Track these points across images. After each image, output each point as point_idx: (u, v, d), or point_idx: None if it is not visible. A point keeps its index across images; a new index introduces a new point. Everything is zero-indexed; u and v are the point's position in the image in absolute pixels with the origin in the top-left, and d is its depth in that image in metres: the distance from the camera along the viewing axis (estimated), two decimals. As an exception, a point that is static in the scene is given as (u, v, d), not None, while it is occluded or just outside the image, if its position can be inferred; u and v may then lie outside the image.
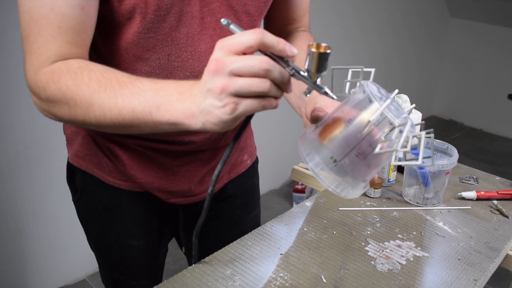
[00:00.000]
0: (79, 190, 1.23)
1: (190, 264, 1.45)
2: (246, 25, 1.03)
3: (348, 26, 3.65)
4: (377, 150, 0.78)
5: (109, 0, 0.87)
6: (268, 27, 1.21)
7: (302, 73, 0.73)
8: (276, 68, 0.69)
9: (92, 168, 1.17)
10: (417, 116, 1.42)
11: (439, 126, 4.98)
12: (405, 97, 1.42)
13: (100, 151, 1.14)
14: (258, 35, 0.67)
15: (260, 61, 0.67)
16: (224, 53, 0.68)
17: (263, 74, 0.68)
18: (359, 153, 0.80)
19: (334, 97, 0.77)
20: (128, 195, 1.20)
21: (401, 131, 0.76)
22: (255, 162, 1.40)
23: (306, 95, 0.79)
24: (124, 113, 0.78)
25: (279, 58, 0.71)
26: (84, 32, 0.86)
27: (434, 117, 5.18)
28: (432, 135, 0.81)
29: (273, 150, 3.37)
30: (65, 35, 0.83)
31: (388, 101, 0.78)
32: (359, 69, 0.84)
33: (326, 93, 0.76)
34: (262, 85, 0.68)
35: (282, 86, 0.72)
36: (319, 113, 0.83)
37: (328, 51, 0.71)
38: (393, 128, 0.76)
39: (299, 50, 1.11)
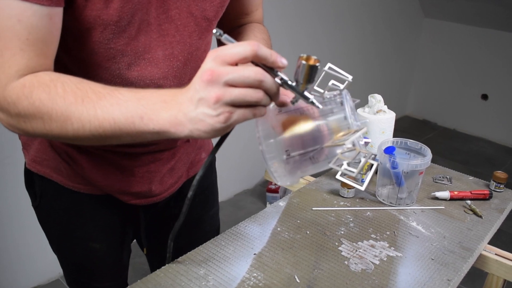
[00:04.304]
0: (38, 196, 1.21)
1: (151, 266, 1.46)
2: (204, 30, 1.04)
3: (319, 25, 3.66)
4: (331, 164, 0.82)
5: (72, 9, 0.84)
6: (219, 21, 1.21)
7: (290, 82, 0.76)
8: (268, 79, 0.72)
9: (50, 173, 1.15)
10: (390, 116, 1.42)
11: (412, 126, 5.03)
12: (378, 97, 1.42)
13: (58, 155, 1.12)
14: (252, 47, 0.70)
15: (255, 72, 0.70)
16: (218, 63, 0.70)
17: (257, 85, 0.71)
18: (313, 156, 0.84)
19: (320, 106, 0.80)
20: (89, 199, 1.18)
21: (362, 157, 0.81)
22: (213, 160, 1.40)
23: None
24: (105, 124, 0.76)
25: (269, 69, 0.73)
26: (52, 43, 0.83)
27: (407, 117, 5.23)
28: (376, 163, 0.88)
29: (246, 150, 3.37)
30: (33, 47, 0.80)
31: (363, 130, 0.83)
32: (347, 79, 0.86)
33: (312, 103, 0.79)
34: (256, 95, 0.71)
35: (272, 95, 0.74)
36: (286, 99, 0.82)
37: (318, 64, 0.74)
38: (354, 149, 0.81)
39: (253, 38, 1.12)
